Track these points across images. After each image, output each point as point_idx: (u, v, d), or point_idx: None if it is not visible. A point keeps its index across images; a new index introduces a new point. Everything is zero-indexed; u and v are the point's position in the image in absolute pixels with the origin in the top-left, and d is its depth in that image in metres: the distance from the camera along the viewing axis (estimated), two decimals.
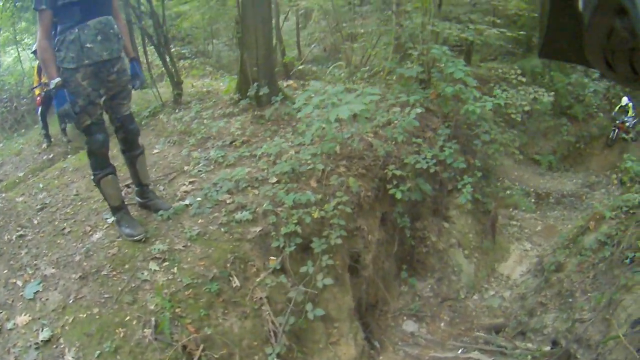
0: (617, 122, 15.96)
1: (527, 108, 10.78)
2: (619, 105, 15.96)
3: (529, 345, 7.18)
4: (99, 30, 4.50)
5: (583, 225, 8.37)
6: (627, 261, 6.59)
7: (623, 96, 16.06)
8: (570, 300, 7.36)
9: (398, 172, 6.48)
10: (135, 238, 5.05)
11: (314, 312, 5.04)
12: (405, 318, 7.67)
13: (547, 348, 6.85)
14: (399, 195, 6.41)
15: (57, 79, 4.37)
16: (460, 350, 6.77)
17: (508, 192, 12.15)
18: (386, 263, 7.13)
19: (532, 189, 13.92)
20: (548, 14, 0.90)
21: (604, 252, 7.19)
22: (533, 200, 13.68)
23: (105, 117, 5.01)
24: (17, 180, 8.29)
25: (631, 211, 7.35)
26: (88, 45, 4.45)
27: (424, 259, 8.28)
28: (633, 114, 15.85)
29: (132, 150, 5.22)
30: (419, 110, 6.92)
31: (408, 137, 7.04)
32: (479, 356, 6.45)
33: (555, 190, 14.53)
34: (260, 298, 4.92)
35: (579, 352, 6.35)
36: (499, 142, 9.40)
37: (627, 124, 15.87)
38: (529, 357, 6.58)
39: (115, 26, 4.69)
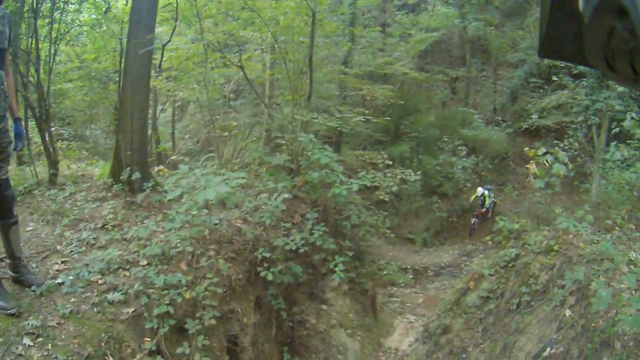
0: (475, 212, 15.96)
1: (394, 189, 11.45)
2: (474, 196, 15.73)
3: None
4: None
5: (463, 286, 8.85)
6: (514, 307, 7.04)
7: (478, 187, 15.95)
8: (464, 355, 7.67)
9: (268, 255, 6.74)
10: (8, 312, 4.83)
11: None
12: None
13: None
14: (270, 277, 6.63)
15: None
16: None
17: (385, 272, 12.63)
18: (266, 346, 7.19)
19: (409, 266, 14.61)
20: (548, 14, 0.92)
21: (489, 306, 7.65)
22: (411, 276, 14.32)
23: None
24: None
25: (509, 265, 7.86)
26: None
27: (306, 342, 8.40)
28: (491, 201, 15.78)
29: (6, 218, 4.97)
30: (286, 195, 7.31)
31: (276, 221, 7.36)
32: None
33: (432, 264, 15.28)
34: None
35: None
36: (369, 224, 9.95)
37: (486, 208, 15.73)
38: None
39: (5, 83, 4.57)
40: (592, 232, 7.10)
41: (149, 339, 5.25)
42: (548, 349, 6.01)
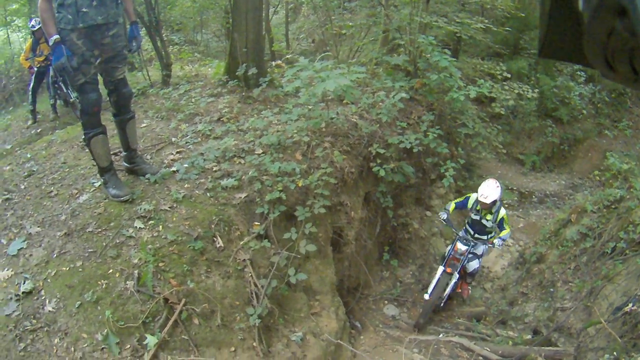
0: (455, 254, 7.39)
1: (511, 103, 10.93)
2: (465, 198, 7.42)
3: (510, 333, 7.30)
4: None
5: (564, 218, 8.52)
6: (609, 251, 6.77)
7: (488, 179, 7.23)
8: (552, 290, 7.53)
9: (382, 151, 6.61)
10: (121, 198, 5.16)
11: (296, 276, 5.14)
12: (386, 302, 7.79)
13: (529, 336, 6.96)
14: (382, 173, 6.55)
15: (56, 36, 4.52)
16: (441, 335, 6.88)
17: None
18: (369, 243, 7.23)
19: (515, 188, 14.10)
20: (548, 14, 0.90)
21: (585, 244, 7.37)
22: (516, 198, 13.85)
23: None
24: (4, 153, 8.28)
25: (612, 206, 7.49)
26: (84, 9, 4.57)
27: (405, 245, 8.38)
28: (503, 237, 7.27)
29: (123, 114, 5.32)
30: (403, 94, 7.08)
31: (392, 119, 7.17)
32: (460, 340, 6.52)
33: (538, 189, 14.67)
34: (244, 260, 5.03)
35: (559, 340, 6.49)
36: (482, 135, 9.54)
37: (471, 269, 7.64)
38: (510, 342, 6.70)
39: None
40: None
41: (258, 224, 5.38)
42: (630, 305, 5.73)
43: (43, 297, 4.44)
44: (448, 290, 7.33)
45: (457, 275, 7.31)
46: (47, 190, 5.78)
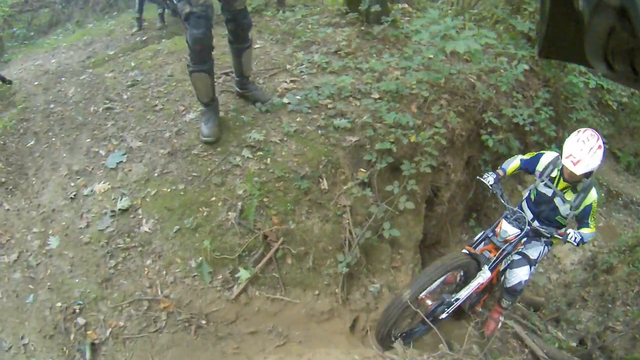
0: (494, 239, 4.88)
1: (625, 100, 10.49)
2: (531, 155, 5.12)
3: (559, 334, 7.19)
4: None
5: None
6: None
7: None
8: (610, 306, 7.34)
9: (495, 121, 6.43)
10: (203, 139, 5.02)
11: (390, 231, 5.17)
12: None
13: (574, 344, 6.84)
14: (490, 143, 6.45)
15: None
16: None
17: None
18: (459, 207, 7.20)
19: (604, 183, 13.54)
20: (548, 14, 0.92)
21: None
22: (603, 194, 13.34)
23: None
24: (106, 58, 8.13)
25: None
26: None
27: (491, 214, 8.25)
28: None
29: (240, 43, 5.18)
30: (526, 66, 6.84)
31: (510, 89, 6.90)
32: (514, 325, 6.43)
33: (626, 192, 13.98)
34: (344, 206, 5.06)
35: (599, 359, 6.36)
36: (590, 124, 9.17)
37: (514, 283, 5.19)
38: (556, 344, 6.58)
39: None
40: None
41: (364, 171, 5.31)
42: None
43: (140, 217, 4.50)
44: (464, 292, 4.68)
45: (489, 273, 4.69)
46: (151, 104, 5.70)
